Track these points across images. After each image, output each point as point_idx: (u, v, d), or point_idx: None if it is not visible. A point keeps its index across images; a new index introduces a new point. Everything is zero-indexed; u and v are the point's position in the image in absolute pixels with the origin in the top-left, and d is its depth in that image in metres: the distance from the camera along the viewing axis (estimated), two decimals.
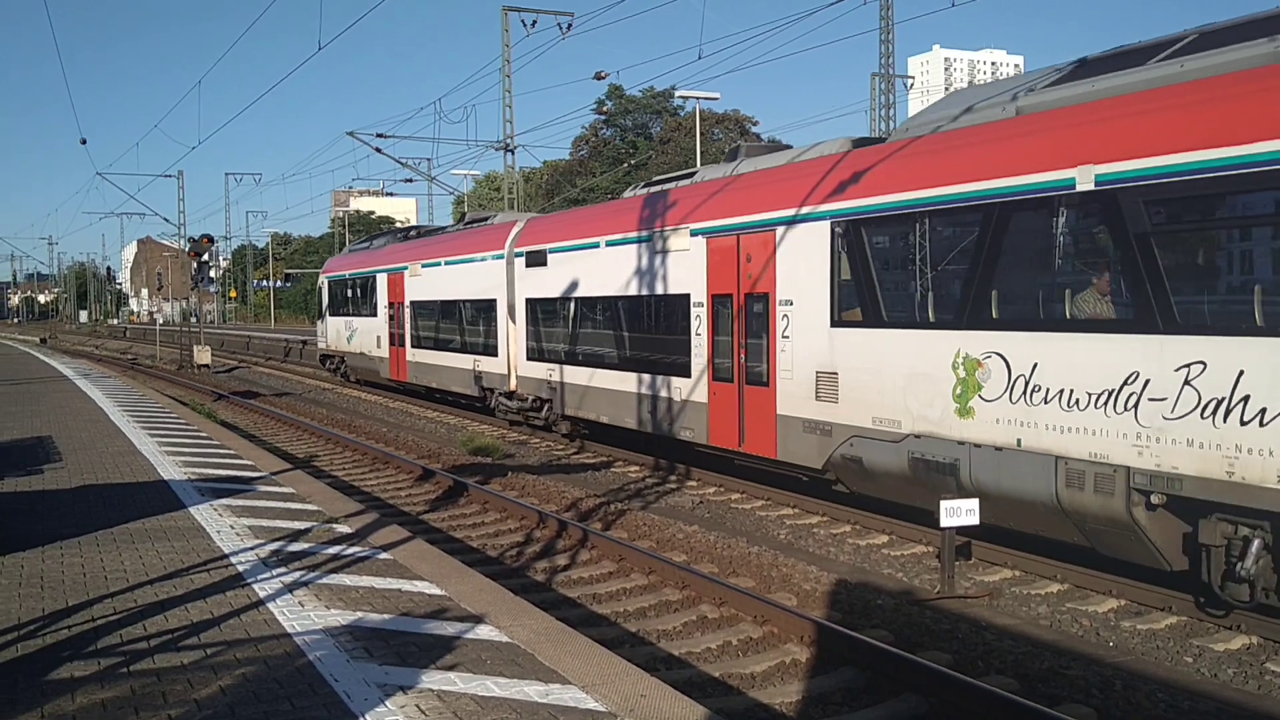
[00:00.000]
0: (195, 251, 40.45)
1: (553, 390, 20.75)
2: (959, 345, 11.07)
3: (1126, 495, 9.36)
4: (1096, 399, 9.57)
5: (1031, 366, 10.19)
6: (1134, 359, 9.24)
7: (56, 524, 10.59)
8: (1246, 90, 8.57)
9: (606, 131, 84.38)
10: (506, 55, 40.13)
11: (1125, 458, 9.33)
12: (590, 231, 19.26)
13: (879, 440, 12.21)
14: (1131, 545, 9.66)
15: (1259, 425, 8.26)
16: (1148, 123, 9.24)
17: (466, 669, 6.33)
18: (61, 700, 5.85)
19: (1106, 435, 9.50)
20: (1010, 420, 10.45)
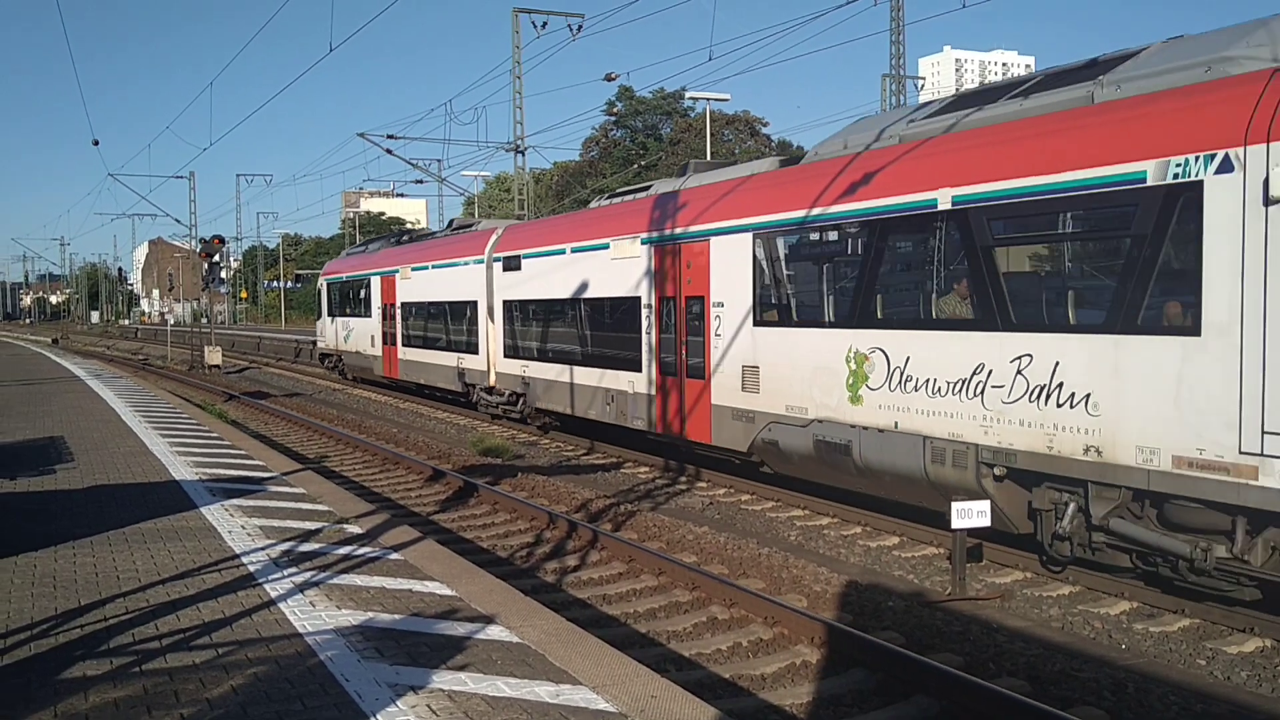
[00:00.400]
0: (206, 252, 40.56)
1: (526, 385, 22.30)
2: (851, 342, 12.74)
3: (976, 468, 10.91)
4: (953, 387, 11.21)
5: (905, 360, 11.85)
6: (981, 353, 10.85)
7: (69, 524, 10.63)
8: (1056, 129, 10.34)
9: (617, 133, 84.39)
10: (517, 57, 40.18)
11: (975, 436, 10.89)
12: (558, 239, 20.91)
13: (791, 425, 13.84)
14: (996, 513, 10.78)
15: (1069, 407, 9.88)
16: (988, 153, 10.97)
17: (477, 669, 6.33)
18: (74, 699, 5.87)
19: (960, 417, 11.10)
20: (890, 406, 12.10)
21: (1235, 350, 8.50)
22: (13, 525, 10.54)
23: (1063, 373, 9.97)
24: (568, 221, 22.60)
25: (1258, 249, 8.37)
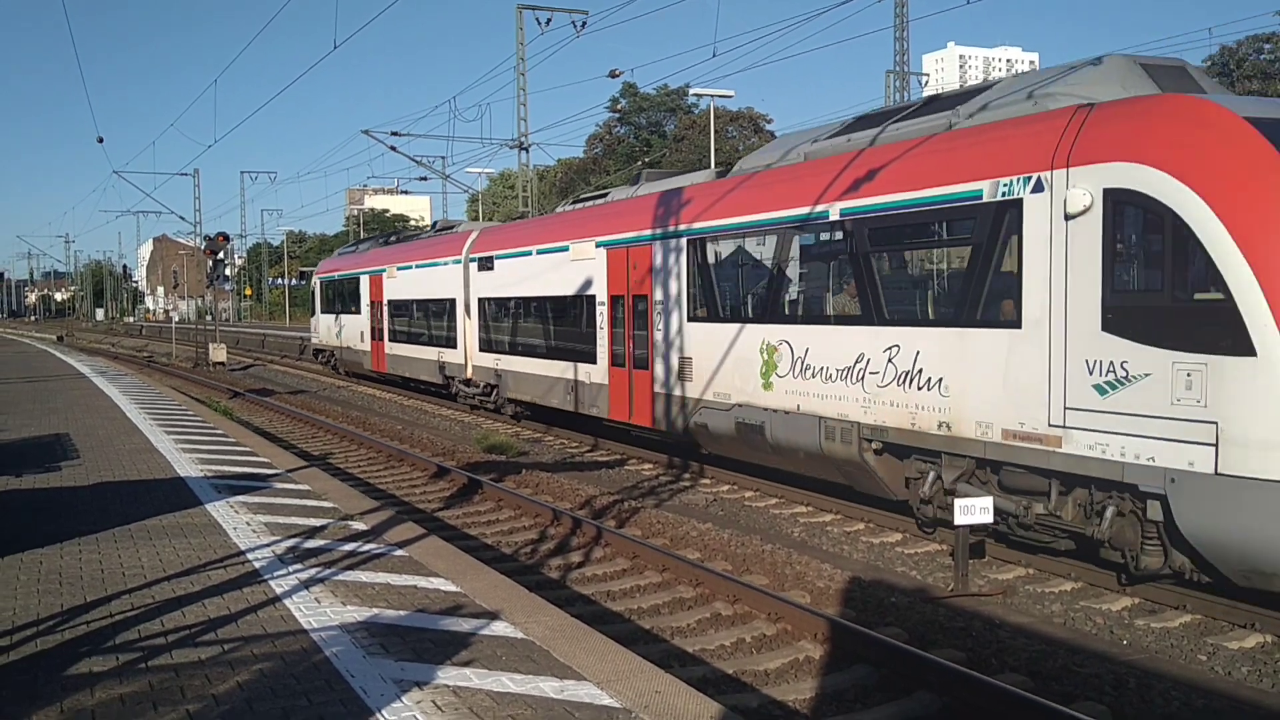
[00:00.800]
0: (211, 249, 40.63)
1: (498, 377, 24.02)
2: (764, 335, 14.42)
3: (859, 444, 12.63)
4: (841, 374, 12.92)
5: (806, 350, 13.57)
6: (862, 344, 12.55)
7: (74, 521, 10.67)
8: (918, 152, 11.91)
9: (621, 129, 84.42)
10: (521, 53, 40.20)
11: (857, 416, 12.64)
12: (526, 241, 22.69)
13: (717, 409, 15.51)
14: (869, 481, 12.90)
15: (927, 390, 11.57)
16: (865, 172, 12.56)
17: (482, 665, 6.36)
18: (81, 695, 5.91)
19: (846, 400, 12.83)
20: (793, 391, 13.80)
21: (1045, 340, 10.12)
22: (19, 522, 10.59)
23: (922, 360, 11.69)
24: (535, 225, 24.24)
25: (1061, 257, 9.99)
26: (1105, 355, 9.58)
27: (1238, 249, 8.78)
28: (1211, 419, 8.79)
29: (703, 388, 15.86)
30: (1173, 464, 9.06)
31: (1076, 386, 9.83)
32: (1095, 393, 9.65)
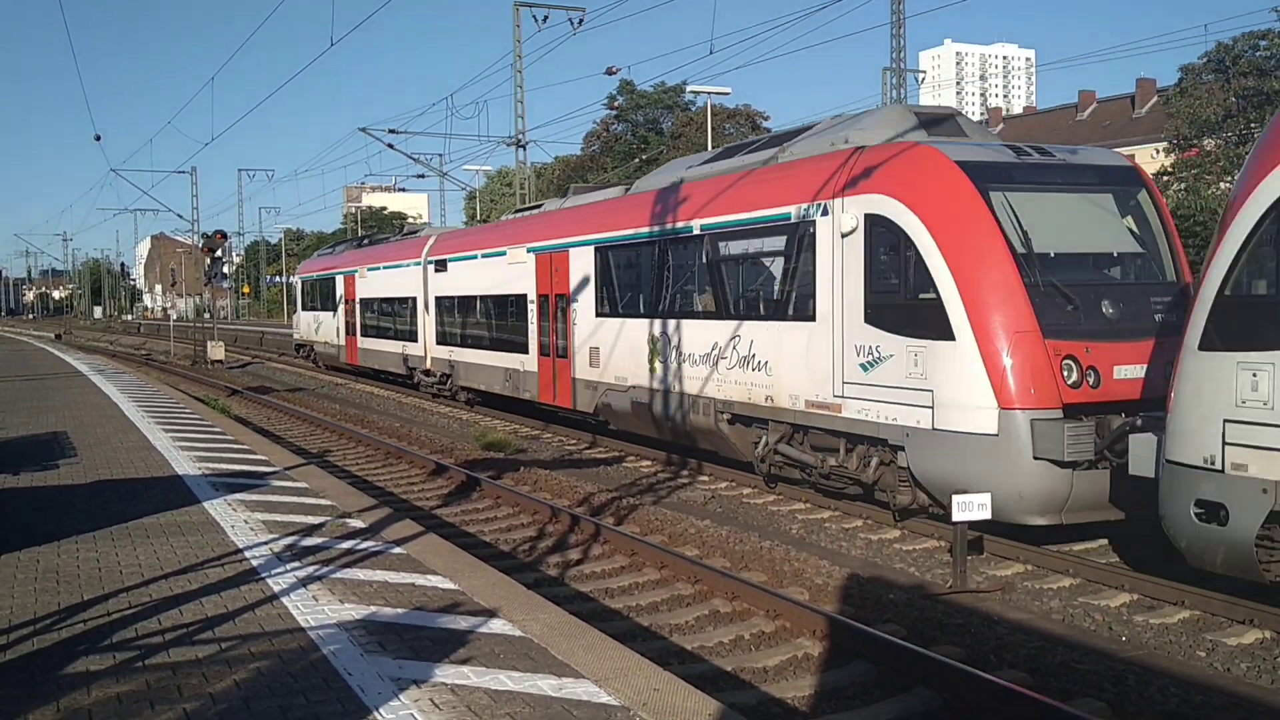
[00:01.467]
0: (208, 247, 40.57)
1: (452, 367, 26.72)
2: (649, 328, 17.39)
3: (715, 415, 15.47)
4: (703, 359, 15.86)
5: (680, 340, 16.47)
6: (716, 335, 15.51)
7: (72, 519, 10.66)
8: (752, 180, 15.03)
9: (618, 126, 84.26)
10: (518, 51, 40.14)
11: (714, 393, 15.54)
12: (474, 246, 25.64)
13: (618, 390, 18.36)
14: (726, 446, 15.74)
15: (758, 371, 14.58)
16: (715, 194, 15.62)
17: (480, 663, 6.36)
18: (77, 694, 5.90)
19: (706, 380, 15.72)
20: (672, 374, 16.71)
21: (830, 331, 13.12)
22: (16, 521, 10.58)
23: (755, 348, 14.66)
24: (481, 231, 27.93)
25: (839, 266, 12.94)
26: (867, 341, 12.58)
27: (944, 261, 11.59)
28: (929, 388, 11.72)
29: (607, 373, 18.79)
30: (908, 422, 12.01)
31: (850, 366, 12.89)
32: (861, 370, 12.73)
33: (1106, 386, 11.06)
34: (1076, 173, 12.76)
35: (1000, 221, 11.60)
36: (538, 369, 21.61)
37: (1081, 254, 12.24)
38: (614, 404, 18.50)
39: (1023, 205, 11.85)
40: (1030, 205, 11.94)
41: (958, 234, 11.61)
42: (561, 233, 20.64)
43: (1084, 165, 12.89)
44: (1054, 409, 10.94)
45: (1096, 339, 11.23)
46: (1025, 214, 11.77)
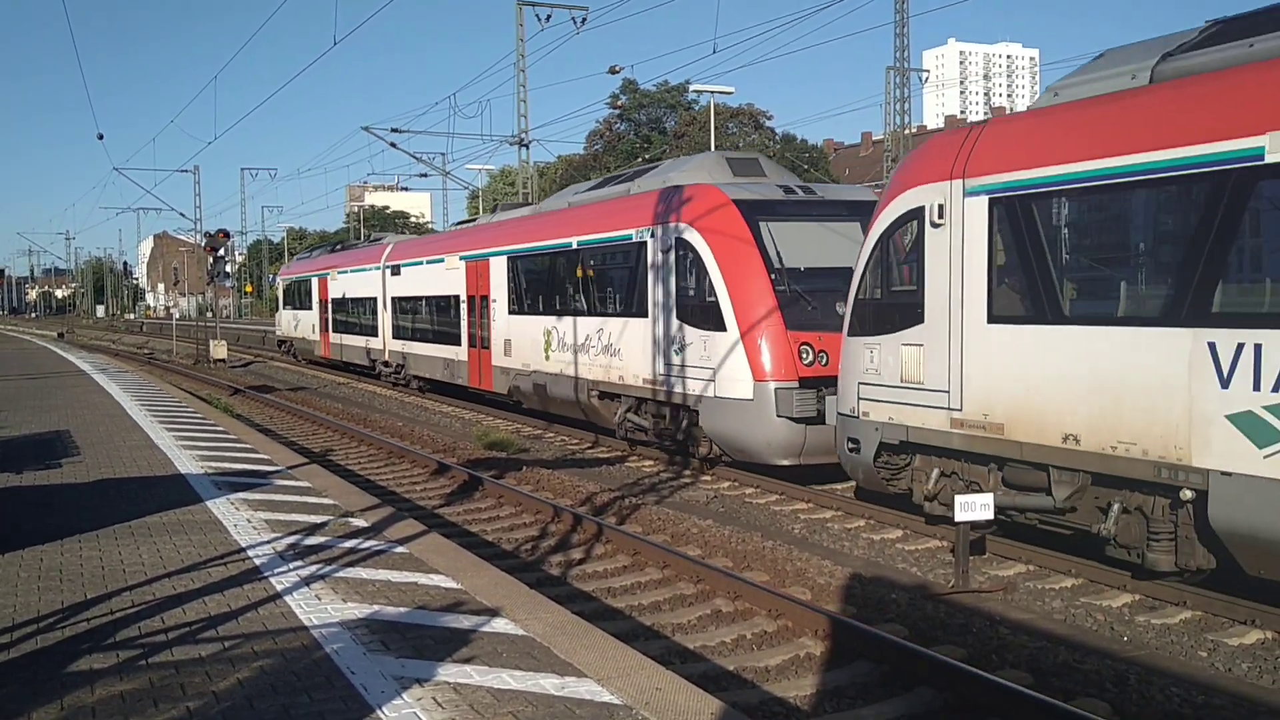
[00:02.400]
0: (211, 246, 40.55)
1: (404, 359, 30.81)
2: (544, 323, 21.34)
3: (588, 392, 19.42)
4: (579, 348, 19.73)
5: (564, 333, 20.45)
6: (587, 329, 19.43)
7: (75, 517, 10.68)
8: (610, 208, 19.38)
9: (621, 126, 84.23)
10: (521, 50, 40.15)
11: (587, 375, 19.47)
12: (421, 253, 29.66)
13: (525, 375, 22.35)
14: (598, 416, 19.47)
15: (614, 356, 18.41)
16: (586, 218, 20.06)
17: (482, 662, 6.37)
18: (81, 692, 5.91)
19: (582, 365, 19.52)
20: (559, 360, 20.70)
21: (655, 325, 17.15)
22: (19, 519, 10.60)
23: (612, 338, 18.52)
24: (428, 241, 32.35)
25: (660, 275, 17.01)
26: (677, 333, 16.63)
27: (720, 273, 15.62)
28: (712, 366, 15.67)
29: (516, 360, 22.79)
30: (702, 393, 15.97)
31: (665, 351, 16.93)
32: (675, 354, 16.68)
33: (832, 365, 14.19)
34: (831, 206, 16.64)
35: (761, 244, 15.58)
36: (468, 359, 25.71)
37: (823, 268, 15.58)
38: (521, 386, 22.54)
39: (781, 232, 15.79)
40: (787, 231, 15.84)
41: (730, 253, 15.69)
42: (485, 244, 24.73)
43: (839, 200, 16.98)
44: (792, 382, 14.88)
45: (826, 331, 14.74)
46: (782, 238, 15.72)
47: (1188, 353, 8.95)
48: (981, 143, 11.16)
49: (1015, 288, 10.83)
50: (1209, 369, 8.78)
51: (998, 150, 10.93)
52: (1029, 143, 10.67)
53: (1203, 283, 8.95)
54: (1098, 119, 10.01)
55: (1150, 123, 9.46)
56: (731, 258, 15.59)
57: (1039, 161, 10.37)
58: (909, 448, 12.19)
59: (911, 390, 11.86)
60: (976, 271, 10.99)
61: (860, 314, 12.75)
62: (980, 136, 11.25)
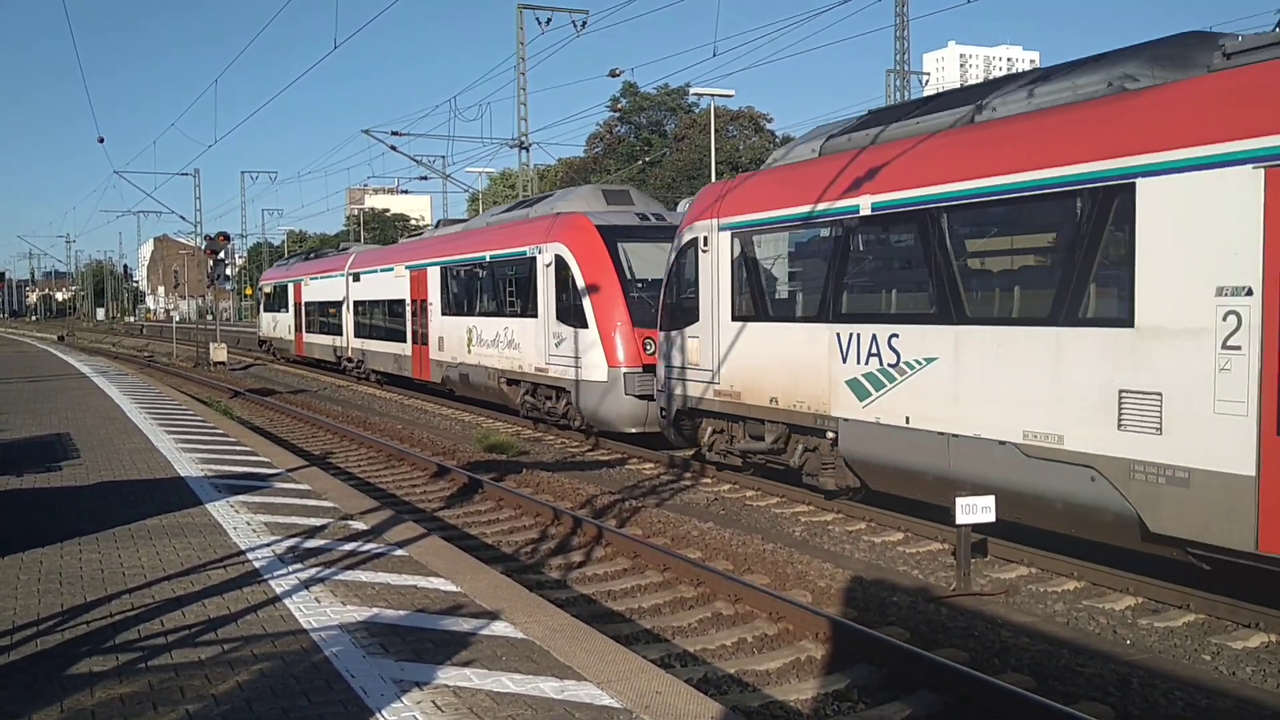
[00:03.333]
0: (211, 249, 40.65)
1: (364, 355, 34.73)
2: (467, 323, 25.65)
3: (498, 380, 23.71)
4: (491, 342, 24.00)
5: (480, 331, 24.68)
6: (498, 327, 23.67)
7: (75, 520, 10.66)
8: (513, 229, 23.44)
9: (621, 129, 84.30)
10: (521, 53, 40.18)
11: (497, 365, 23.72)
12: (376, 262, 33.89)
13: (453, 366, 26.56)
14: (506, 400, 23.71)
15: (514, 349, 22.61)
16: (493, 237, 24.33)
17: (482, 665, 6.35)
18: (81, 695, 5.90)
19: (495, 357, 23.74)
20: (478, 353, 24.81)
21: (542, 324, 21.13)
22: (19, 521, 10.58)
23: (513, 335, 22.93)
24: (383, 251, 36.34)
25: (545, 284, 21.10)
26: (556, 330, 20.77)
27: (584, 283, 19.80)
28: (580, 355, 19.77)
29: (447, 354, 26.91)
30: (573, 377, 20.12)
31: (551, 344, 21.03)
32: (555, 346, 20.82)
33: None
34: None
35: (616, 260, 19.75)
36: (412, 354, 29.81)
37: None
38: (451, 376, 26.86)
39: (632, 250, 19.95)
40: (637, 250, 19.97)
41: (592, 267, 19.93)
42: (425, 256, 28.93)
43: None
44: (638, 368, 18.90)
45: None
46: (633, 255, 19.89)
47: (828, 341, 13.27)
48: (728, 194, 15.47)
49: (745, 295, 15.13)
50: (837, 351, 13.10)
51: (736, 200, 15.23)
52: (751, 195, 14.96)
53: (834, 293, 13.24)
54: (783, 180, 14.41)
55: (808, 185, 13.60)
56: (592, 271, 19.85)
57: (755, 209, 14.72)
58: (695, 413, 16.43)
59: (693, 370, 16.22)
60: (725, 284, 15.38)
61: (664, 314, 17.13)
62: (729, 189, 15.64)
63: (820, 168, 13.63)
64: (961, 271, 11.60)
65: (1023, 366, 10.61)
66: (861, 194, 12.58)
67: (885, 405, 12.32)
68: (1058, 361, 10.24)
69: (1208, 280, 8.90)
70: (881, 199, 12.40)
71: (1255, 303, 8.54)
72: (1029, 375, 10.53)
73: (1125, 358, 9.59)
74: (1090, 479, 9.93)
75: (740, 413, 15.12)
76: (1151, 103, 9.72)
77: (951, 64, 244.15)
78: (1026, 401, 10.56)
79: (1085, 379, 9.95)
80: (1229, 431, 8.73)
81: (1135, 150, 9.61)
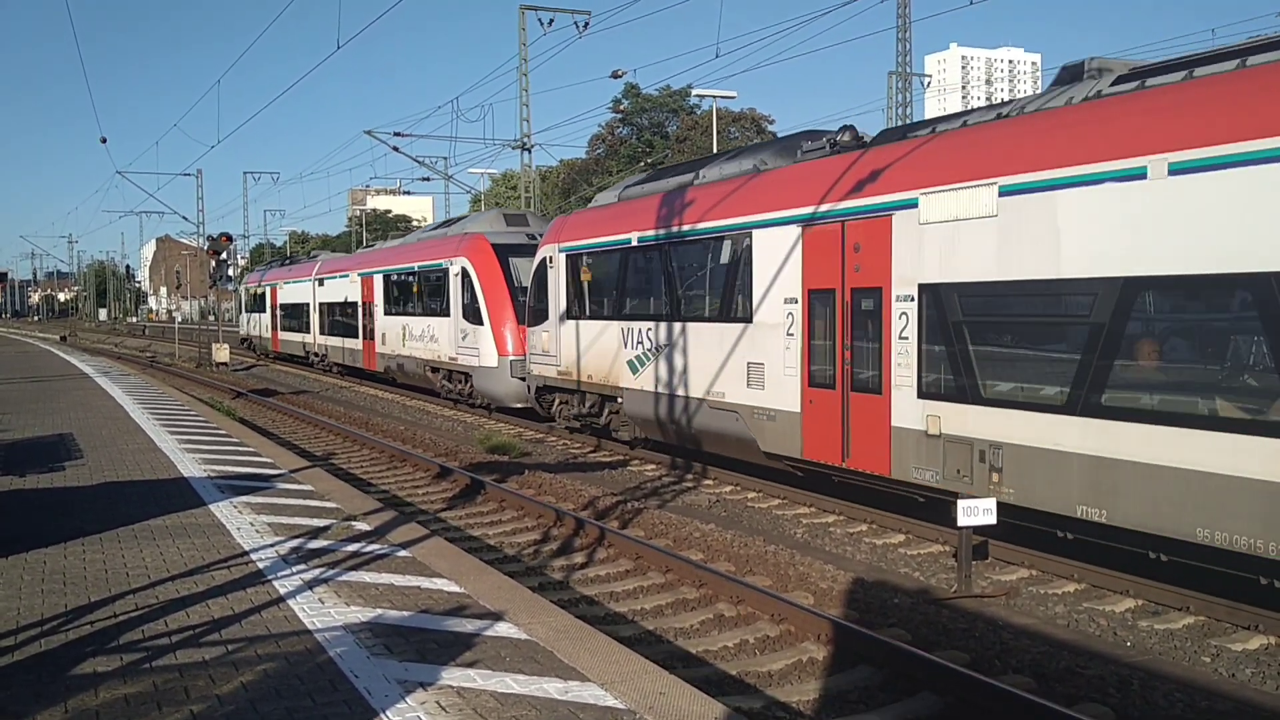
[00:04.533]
0: (214, 250, 40.71)
1: (326, 350, 39.99)
2: (402, 321, 30.28)
3: (425, 368, 28.75)
4: (418, 337, 29.11)
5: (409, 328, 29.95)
6: (424, 324, 28.53)
7: (78, 520, 10.69)
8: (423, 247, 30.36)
9: (623, 130, 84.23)
10: (523, 54, 40.18)
11: (423, 355, 28.73)
12: (337, 269, 39.02)
13: (390, 357, 31.51)
14: (430, 384, 28.59)
15: (433, 342, 27.91)
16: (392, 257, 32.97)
17: (486, 666, 6.37)
18: (85, 695, 5.92)
19: (422, 349, 28.72)
20: (411, 346, 29.63)
21: (451, 322, 26.15)
22: (22, 522, 10.61)
23: (435, 330, 27.38)
24: (342, 260, 41.68)
25: (455, 290, 25.97)
26: (462, 326, 25.32)
27: (481, 289, 24.54)
28: (478, 346, 24.50)
29: (388, 347, 31.94)
30: (474, 364, 24.80)
31: (457, 339, 25.73)
32: (461, 339, 25.42)
33: None
34: None
35: (507, 271, 24.67)
36: (362, 348, 34.88)
37: None
38: (391, 365, 31.80)
39: (519, 264, 24.31)
40: (524, 264, 23.78)
41: (487, 277, 24.89)
42: (372, 265, 34.40)
43: None
44: (521, 356, 23.05)
45: None
46: (519, 268, 24.24)
47: (618, 333, 18.43)
48: (567, 224, 20.99)
49: (574, 300, 20.21)
50: (622, 341, 18.25)
51: (569, 229, 20.61)
52: (577, 226, 20.46)
53: (620, 299, 18.68)
54: (597, 217, 19.95)
55: (608, 222, 19.13)
56: (488, 280, 24.92)
57: (579, 237, 20.03)
58: (548, 389, 21.64)
59: (546, 357, 21.27)
60: (563, 292, 20.53)
61: (529, 314, 22.18)
62: (567, 221, 21.25)
63: (617, 209, 19.31)
64: (680, 286, 16.89)
65: (706, 349, 15.87)
66: (632, 230, 18.05)
67: (646, 377, 17.57)
68: (721, 345, 15.46)
69: (781, 293, 14.12)
70: (642, 234, 17.69)
71: (800, 308, 13.80)
72: (710, 355, 15.72)
73: (749, 342, 14.82)
74: (736, 419, 15.16)
75: (573, 387, 20.38)
76: (763, 181, 15.05)
77: (953, 66, 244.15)
78: (709, 371, 15.78)
79: (734, 356, 15.18)
80: (790, 386, 13.98)
81: (754, 211, 14.83)
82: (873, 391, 12.51)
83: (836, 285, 13.18)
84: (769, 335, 14.22)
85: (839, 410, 13.10)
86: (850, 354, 12.96)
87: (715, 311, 15.73)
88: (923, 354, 11.80)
